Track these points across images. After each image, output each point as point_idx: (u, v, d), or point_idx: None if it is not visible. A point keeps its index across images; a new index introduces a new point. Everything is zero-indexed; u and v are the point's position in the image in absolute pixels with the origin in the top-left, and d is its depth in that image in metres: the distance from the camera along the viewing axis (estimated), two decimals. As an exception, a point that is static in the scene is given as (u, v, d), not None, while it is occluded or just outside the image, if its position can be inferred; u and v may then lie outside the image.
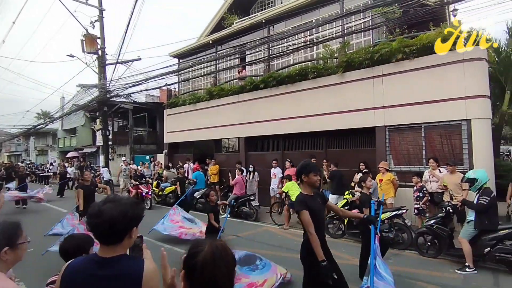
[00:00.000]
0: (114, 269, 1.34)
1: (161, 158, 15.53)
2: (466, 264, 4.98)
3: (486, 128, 7.24)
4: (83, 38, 14.24)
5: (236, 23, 13.40)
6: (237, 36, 12.63)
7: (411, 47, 7.77)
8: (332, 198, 8.15)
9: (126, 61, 14.53)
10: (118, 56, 14.05)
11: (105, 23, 14.81)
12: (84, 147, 24.82)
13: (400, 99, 7.99)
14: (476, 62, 7.21)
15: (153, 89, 16.00)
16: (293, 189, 8.01)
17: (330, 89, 9.26)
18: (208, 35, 14.80)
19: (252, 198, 9.33)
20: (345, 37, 9.45)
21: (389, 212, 6.39)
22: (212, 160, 12.17)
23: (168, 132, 15.37)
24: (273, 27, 11.73)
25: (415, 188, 6.93)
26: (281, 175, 9.61)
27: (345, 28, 9.59)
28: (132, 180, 12.00)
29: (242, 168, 10.39)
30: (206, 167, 12.45)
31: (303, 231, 3.09)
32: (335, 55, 9.41)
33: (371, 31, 9.18)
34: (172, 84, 15.48)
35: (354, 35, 9.50)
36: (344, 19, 9.47)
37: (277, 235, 7.55)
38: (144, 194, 11.25)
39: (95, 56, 14.79)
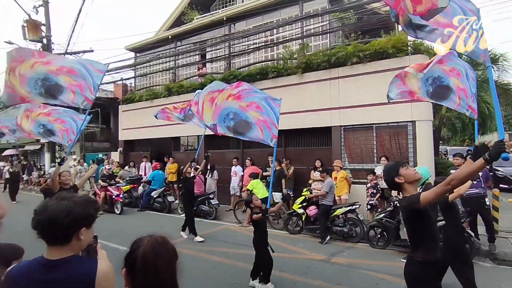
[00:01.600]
0: (63, 271, 1.27)
1: (115, 156, 14.74)
2: (411, 253, 5.42)
3: (428, 129, 7.94)
4: (25, 24, 12.98)
5: (196, 19, 13.16)
6: (198, 33, 12.43)
7: (364, 52, 8.24)
8: (275, 195, 8.38)
9: (76, 52, 13.55)
10: (67, 45, 13.07)
11: (53, 10, 13.69)
12: (25, 144, 22.66)
13: (354, 101, 8.44)
14: (421, 68, 7.85)
15: (107, 83, 15.13)
16: (258, 187, 8.09)
17: (290, 89, 9.49)
18: (167, 30, 14.35)
19: (211, 196, 9.26)
20: (305, 39, 9.76)
21: (344, 207, 6.74)
22: (171, 158, 11.84)
23: (123, 129, 14.64)
24: (234, 25, 11.71)
25: (369, 185, 7.35)
26: (242, 174, 9.66)
27: (304, 30, 9.90)
28: (100, 181, 10.57)
29: (197, 166, 10.26)
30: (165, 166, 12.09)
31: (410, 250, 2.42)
32: (295, 56, 9.67)
33: (328, 34, 9.58)
34: (128, 79, 14.79)
35: (313, 37, 9.84)
36: (304, 22, 9.78)
37: (237, 232, 7.58)
38: (114, 197, 9.92)
39: (39, 44, 13.55)
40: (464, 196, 5.89)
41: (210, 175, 10.19)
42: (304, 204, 7.32)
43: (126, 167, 12.75)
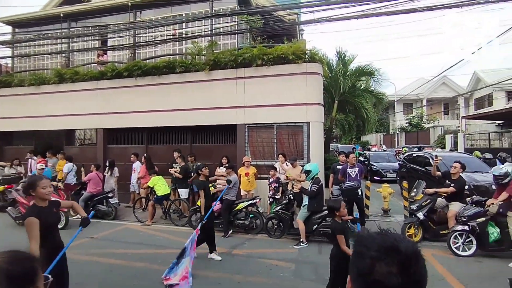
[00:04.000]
0: None
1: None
2: (301, 240, 6.17)
3: (319, 130, 9.03)
4: None
5: (95, -1, 11.88)
6: (97, 15, 11.24)
7: (268, 55, 8.82)
8: (181, 192, 8.43)
9: None
10: None
11: None
12: None
13: (258, 100, 8.98)
14: (315, 75, 8.87)
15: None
16: (159, 184, 7.89)
17: (197, 85, 9.48)
18: (58, 6, 12.56)
19: (110, 195, 8.59)
20: (213, 37, 9.86)
21: (246, 201, 7.16)
22: (59, 154, 10.40)
23: (-4, 118, 12.21)
24: (140, 13, 11.02)
25: (272, 180, 7.92)
26: (144, 170, 9.24)
27: (213, 28, 10.00)
28: None
29: (98, 163, 9.43)
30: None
31: None
32: (203, 53, 9.69)
33: (236, 35, 9.91)
34: (3, 58, 12.35)
35: (221, 36, 10.02)
36: (213, 19, 9.87)
37: (139, 232, 7.26)
38: None
39: None
40: (343, 188, 7.00)
41: (109, 173, 9.41)
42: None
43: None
